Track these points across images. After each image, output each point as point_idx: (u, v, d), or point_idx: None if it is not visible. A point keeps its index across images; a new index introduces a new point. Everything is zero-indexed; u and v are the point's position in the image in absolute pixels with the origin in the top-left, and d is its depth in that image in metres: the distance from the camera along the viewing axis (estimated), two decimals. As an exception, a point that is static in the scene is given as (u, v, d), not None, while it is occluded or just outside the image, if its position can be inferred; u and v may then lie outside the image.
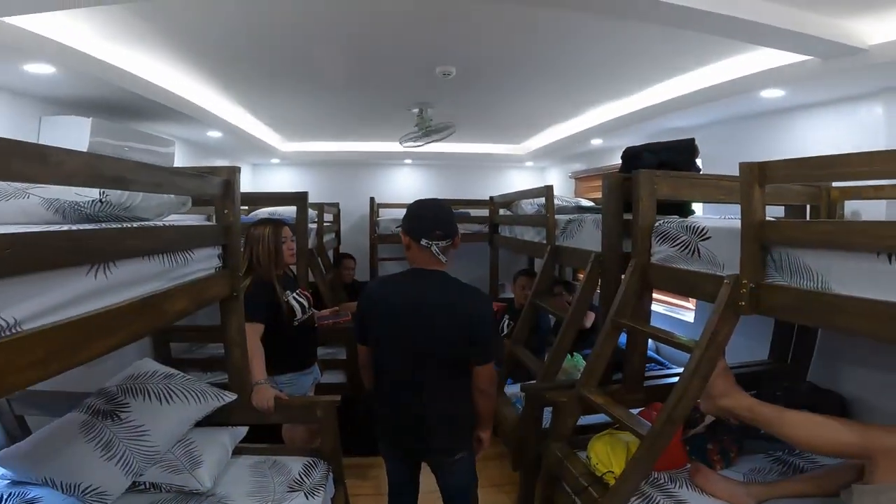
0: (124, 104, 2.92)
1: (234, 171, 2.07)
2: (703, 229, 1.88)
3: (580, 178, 5.61)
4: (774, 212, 2.16)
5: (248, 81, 3.29)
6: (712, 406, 1.79)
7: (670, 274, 2.01)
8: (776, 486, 1.84)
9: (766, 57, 2.50)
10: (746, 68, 2.65)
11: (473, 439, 1.98)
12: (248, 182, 5.65)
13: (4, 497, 1.77)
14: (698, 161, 2.56)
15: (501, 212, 4.48)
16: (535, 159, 6.01)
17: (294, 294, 2.55)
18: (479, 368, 1.83)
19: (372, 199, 5.35)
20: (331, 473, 2.20)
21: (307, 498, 1.91)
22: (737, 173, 1.60)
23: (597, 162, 5.16)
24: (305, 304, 2.59)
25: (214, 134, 4.07)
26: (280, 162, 5.85)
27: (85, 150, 1.55)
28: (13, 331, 0.93)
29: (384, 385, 1.94)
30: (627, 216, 2.28)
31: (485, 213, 4.79)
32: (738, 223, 1.66)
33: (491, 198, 4.54)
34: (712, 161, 3.12)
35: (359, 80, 3.28)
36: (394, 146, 5.10)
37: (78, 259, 1.11)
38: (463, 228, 4.77)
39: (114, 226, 1.37)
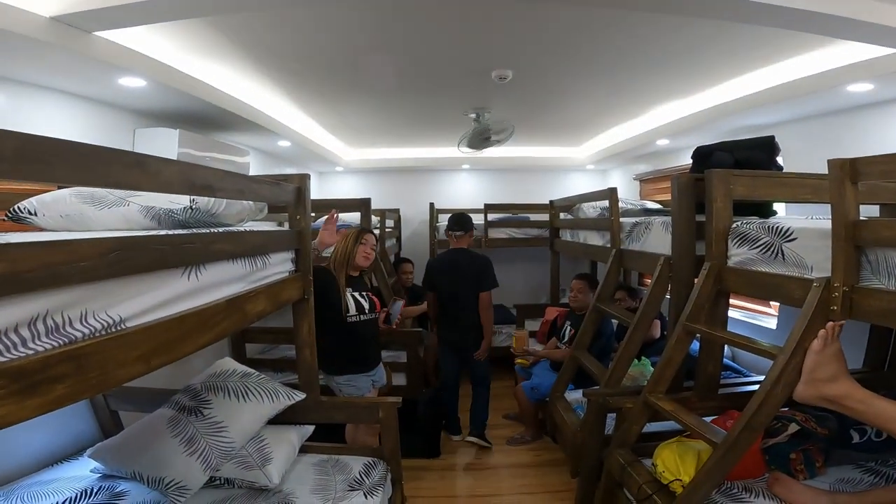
0: (205, 116, 3.12)
1: (304, 179, 2.18)
2: (788, 230, 1.77)
3: (645, 181, 5.43)
4: (868, 211, 2.01)
5: (315, 91, 3.43)
6: (814, 393, 1.53)
7: (750, 277, 1.90)
8: (866, 496, 1.69)
9: (853, 50, 2.34)
10: (831, 62, 2.50)
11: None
12: (315, 189, 5.76)
13: (95, 490, 1.89)
14: (779, 159, 2.42)
15: (562, 216, 4.40)
16: (595, 162, 5.88)
17: (357, 293, 2.63)
18: (482, 294, 3.40)
19: (431, 204, 5.41)
20: (389, 474, 2.25)
21: (366, 497, 1.96)
22: (821, 172, 1.51)
23: (663, 163, 4.97)
24: (366, 305, 2.66)
25: (284, 143, 4.27)
26: (343, 170, 6.04)
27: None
28: (119, 328, 1.02)
29: (443, 312, 3.53)
30: (700, 218, 2.19)
31: (544, 217, 4.72)
32: (827, 223, 1.55)
33: (551, 202, 4.47)
34: (793, 160, 2.95)
35: (416, 86, 3.35)
36: (452, 151, 5.17)
37: (174, 261, 1.20)
38: (521, 233, 4.86)
39: (203, 231, 1.46)
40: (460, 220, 3.54)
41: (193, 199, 1.60)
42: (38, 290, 0.84)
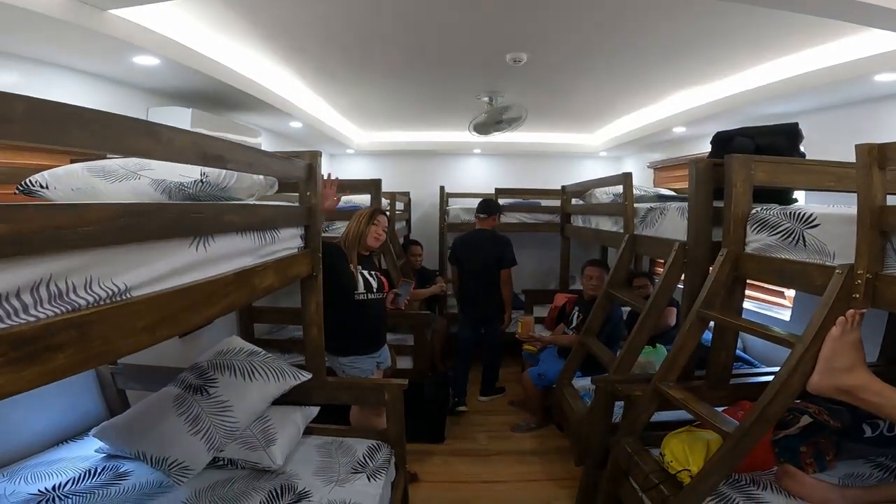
0: (218, 95, 3.09)
1: (316, 156, 2.16)
2: (810, 216, 1.72)
3: (659, 169, 5.35)
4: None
5: (327, 72, 3.39)
6: (830, 383, 1.47)
7: (769, 264, 1.85)
8: (876, 490, 1.66)
9: (881, 39, 2.25)
10: (858, 51, 2.41)
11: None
12: (325, 171, 5.83)
13: (98, 470, 1.90)
14: (802, 147, 2.35)
15: (574, 202, 4.35)
16: (609, 149, 5.79)
17: (366, 272, 2.62)
18: (503, 271, 3.74)
19: (442, 187, 5.38)
20: (393, 457, 2.24)
21: (369, 480, 1.95)
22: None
23: (679, 151, 4.87)
24: (374, 284, 2.64)
25: (296, 125, 4.24)
26: (354, 152, 6.01)
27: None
28: (124, 297, 1.00)
29: (464, 286, 3.93)
30: (717, 204, 2.15)
31: (556, 203, 4.67)
32: (851, 210, 1.50)
33: (563, 187, 4.42)
34: (815, 150, 2.86)
35: (429, 67, 3.28)
36: (463, 136, 5.13)
37: (183, 231, 1.18)
38: (532, 218, 4.83)
39: (213, 202, 1.44)
40: (485, 204, 3.97)
41: (204, 173, 1.58)
42: (41, 254, 0.82)
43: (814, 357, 1.48)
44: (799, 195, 2.62)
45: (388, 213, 2.76)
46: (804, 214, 1.74)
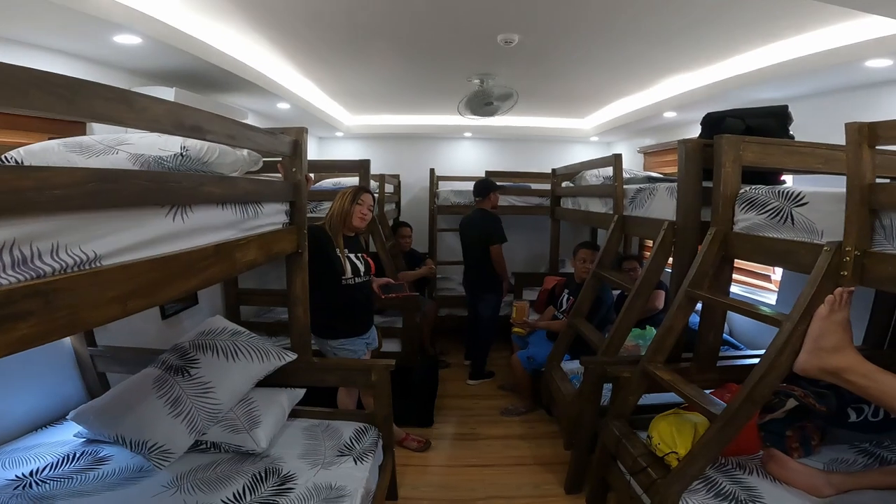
0: (203, 75, 3.01)
1: (301, 132, 2.12)
2: (798, 194, 1.72)
3: (650, 154, 5.34)
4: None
5: (316, 53, 3.31)
6: (817, 363, 1.44)
7: (757, 243, 1.85)
8: (861, 476, 1.66)
9: (874, 25, 2.24)
10: (849, 37, 2.40)
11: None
12: (315, 154, 5.79)
13: (77, 455, 1.86)
14: (791, 130, 2.36)
15: (563, 185, 4.33)
16: (600, 134, 5.76)
17: (353, 255, 2.57)
18: (493, 247, 3.79)
19: (432, 170, 5.33)
20: (380, 440, 2.22)
21: (356, 463, 1.93)
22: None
23: (669, 136, 4.87)
24: (362, 267, 2.60)
25: (283, 106, 4.16)
26: (344, 135, 5.93)
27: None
28: (93, 265, 0.96)
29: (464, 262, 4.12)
30: (706, 184, 2.16)
31: (546, 186, 4.65)
32: (839, 189, 1.50)
33: (553, 170, 4.40)
34: (805, 136, 2.84)
35: (419, 49, 3.21)
36: (454, 119, 5.08)
37: (157, 199, 1.14)
38: (522, 201, 4.81)
39: (191, 171, 1.40)
40: (478, 185, 4.02)
41: (184, 147, 1.54)
42: (3, 217, 0.78)
43: (801, 336, 1.48)
44: (787, 180, 2.62)
45: (374, 193, 2.69)
46: (793, 193, 1.74)
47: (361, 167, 3.37)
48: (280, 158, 2.10)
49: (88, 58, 2.45)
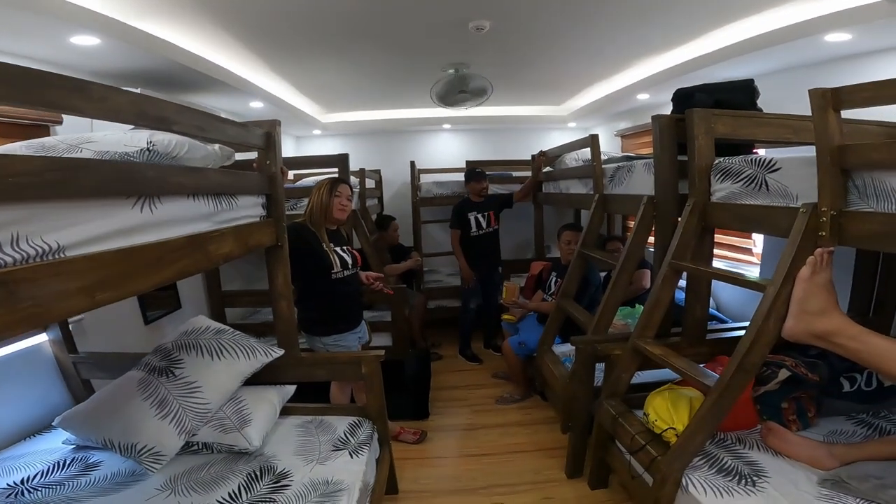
0: (168, 75, 2.94)
1: (274, 124, 2.09)
2: (770, 161, 1.74)
3: (626, 136, 5.41)
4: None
5: (286, 49, 3.26)
6: (804, 328, 1.43)
7: (734, 211, 1.87)
8: (863, 447, 1.64)
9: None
10: (809, 12, 2.43)
11: None
12: (292, 154, 5.71)
13: (67, 462, 1.83)
14: (759, 104, 2.39)
15: (545, 170, 4.33)
16: (577, 119, 5.79)
17: (339, 248, 2.54)
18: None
19: (412, 163, 5.29)
20: (375, 433, 2.20)
21: (352, 457, 1.91)
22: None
23: (643, 118, 4.90)
24: (349, 260, 2.57)
25: (256, 105, 4.10)
26: (322, 133, 5.88)
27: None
28: (58, 255, 0.93)
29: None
30: (682, 158, 2.18)
31: (527, 173, 4.65)
32: (810, 153, 1.52)
33: (533, 156, 4.40)
34: (772, 110, 2.90)
35: (391, 40, 3.18)
36: (431, 111, 5.08)
37: (122, 190, 1.11)
38: (504, 189, 4.80)
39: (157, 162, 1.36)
40: (465, 175, 4.29)
41: (151, 142, 1.50)
42: (-44, 207, 0.75)
43: (786, 301, 1.49)
44: (759, 153, 2.64)
45: (350, 184, 2.65)
46: (765, 160, 1.76)
47: (340, 161, 3.34)
48: (255, 155, 2.07)
49: (46, 60, 2.39)
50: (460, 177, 5.17)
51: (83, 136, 1.49)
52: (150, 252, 1.15)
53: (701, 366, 1.96)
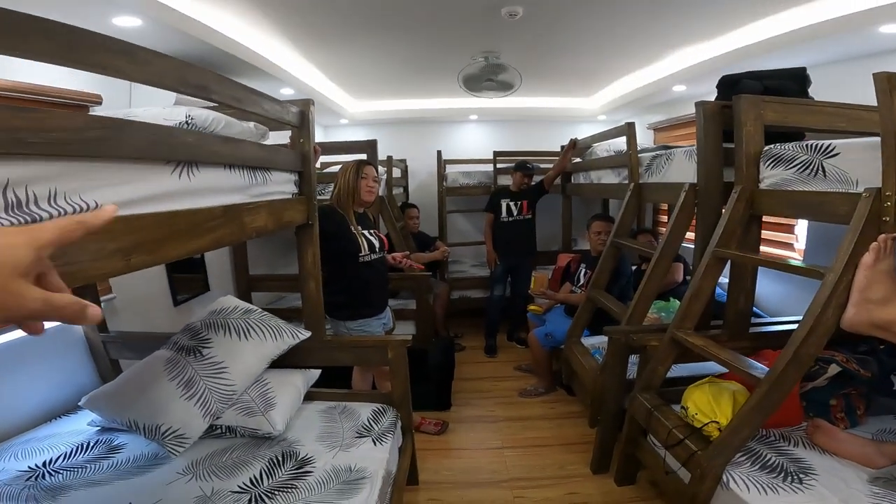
0: (204, 60, 2.93)
1: (308, 103, 2.06)
2: (828, 146, 1.65)
3: (660, 129, 5.27)
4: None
5: (317, 34, 3.24)
6: (866, 318, 1.35)
7: (786, 198, 1.78)
8: None
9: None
10: (863, 2, 2.32)
11: None
12: (321, 141, 5.71)
13: (91, 444, 1.82)
14: (812, 91, 2.30)
15: (574, 160, 4.25)
16: (607, 112, 5.66)
17: (367, 231, 2.51)
18: None
19: (439, 152, 5.27)
20: (399, 421, 2.16)
21: (375, 444, 1.88)
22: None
23: (679, 111, 4.79)
24: (377, 244, 2.53)
25: (287, 91, 4.09)
26: (349, 122, 5.87)
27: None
28: (98, 214, 0.90)
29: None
30: (726, 146, 2.11)
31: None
32: (871, 139, 1.46)
33: (562, 146, 4.31)
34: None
35: (422, 24, 3.12)
36: (459, 101, 5.07)
37: (161, 154, 1.08)
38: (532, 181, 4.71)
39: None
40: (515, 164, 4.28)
41: (189, 116, 1.49)
42: (-3, 156, 0.73)
43: (846, 289, 1.40)
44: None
45: (376, 166, 2.61)
46: (822, 145, 1.68)
47: (369, 147, 3.31)
48: (286, 140, 2.05)
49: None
50: (487, 167, 5.16)
51: (125, 112, 1.48)
52: (187, 219, 1.12)
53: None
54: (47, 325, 0.44)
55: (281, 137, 2.34)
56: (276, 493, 1.56)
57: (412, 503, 2.31)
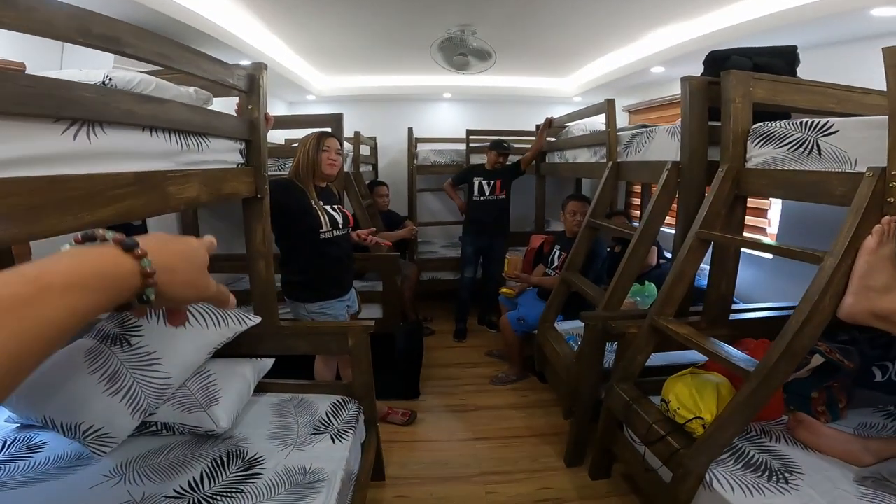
0: (154, 30, 2.64)
1: (260, 68, 1.86)
2: (826, 123, 1.54)
3: (635, 112, 5.21)
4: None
5: (282, 4, 2.99)
6: (865, 306, 1.26)
7: (776, 177, 1.67)
8: None
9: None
10: None
11: None
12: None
13: (9, 442, 1.63)
14: (799, 73, 2.21)
15: (549, 140, 4.12)
16: (583, 94, 5.55)
17: (329, 206, 2.33)
18: None
19: (410, 129, 5.06)
20: (362, 414, 1.99)
21: (334, 441, 1.71)
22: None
23: (656, 93, 4.72)
24: (340, 220, 2.35)
25: (247, 64, 3.80)
26: (316, 98, 5.60)
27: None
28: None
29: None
30: (712, 124, 2.01)
31: (528, 145, 4.42)
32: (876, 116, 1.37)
33: (537, 126, 4.17)
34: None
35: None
36: (432, 79, 4.93)
37: (47, 110, 0.87)
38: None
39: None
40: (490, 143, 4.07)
41: (108, 76, 1.27)
42: None
43: (845, 275, 1.29)
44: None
45: (339, 138, 2.42)
46: (818, 122, 1.57)
47: (334, 121, 3.10)
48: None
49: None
50: (460, 146, 4.98)
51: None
52: (84, 184, 0.91)
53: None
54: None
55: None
56: (217, 498, 1.38)
57: (378, 501, 2.17)
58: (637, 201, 4.73)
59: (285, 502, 1.38)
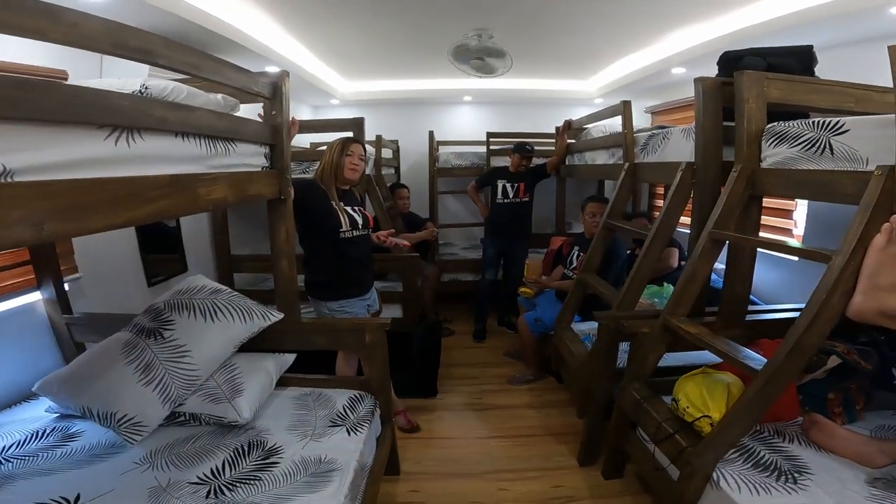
0: (183, 37, 2.77)
1: (283, 76, 1.95)
2: (837, 123, 1.54)
3: (657, 113, 5.15)
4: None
5: (306, 12, 3.10)
6: (874, 305, 1.24)
7: (790, 177, 1.67)
8: None
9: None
10: None
11: None
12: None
13: (47, 431, 1.73)
14: (816, 72, 2.18)
15: (569, 141, 4.13)
16: (604, 95, 5.52)
17: (350, 208, 2.41)
18: None
19: (431, 132, 5.13)
20: (377, 409, 2.06)
21: (349, 434, 1.77)
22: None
23: (678, 94, 4.66)
24: (360, 220, 2.43)
25: (273, 70, 3.90)
26: (339, 103, 5.71)
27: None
28: (4, 179, 0.78)
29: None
30: (726, 124, 2.01)
31: (550, 147, 4.46)
32: (886, 115, 1.36)
33: (557, 128, 4.20)
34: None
35: (414, 1, 2.99)
36: (452, 83, 4.98)
37: (91, 118, 0.96)
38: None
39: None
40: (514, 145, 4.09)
41: (144, 85, 1.37)
42: None
43: (854, 273, 1.29)
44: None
45: (363, 143, 2.50)
46: (829, 122, 1.57)
47: (355, 125, 3.18)
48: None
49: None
50: (480, 149, 5.03)
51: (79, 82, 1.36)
52: (121, 186, 1.01)
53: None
54: (8, 305, 0.37)
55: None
56: (237, 484, 1.46)
57: (391, 495, 2.22)
58: (660, 203, 4.71)
59: (300, 489, 1.45)
